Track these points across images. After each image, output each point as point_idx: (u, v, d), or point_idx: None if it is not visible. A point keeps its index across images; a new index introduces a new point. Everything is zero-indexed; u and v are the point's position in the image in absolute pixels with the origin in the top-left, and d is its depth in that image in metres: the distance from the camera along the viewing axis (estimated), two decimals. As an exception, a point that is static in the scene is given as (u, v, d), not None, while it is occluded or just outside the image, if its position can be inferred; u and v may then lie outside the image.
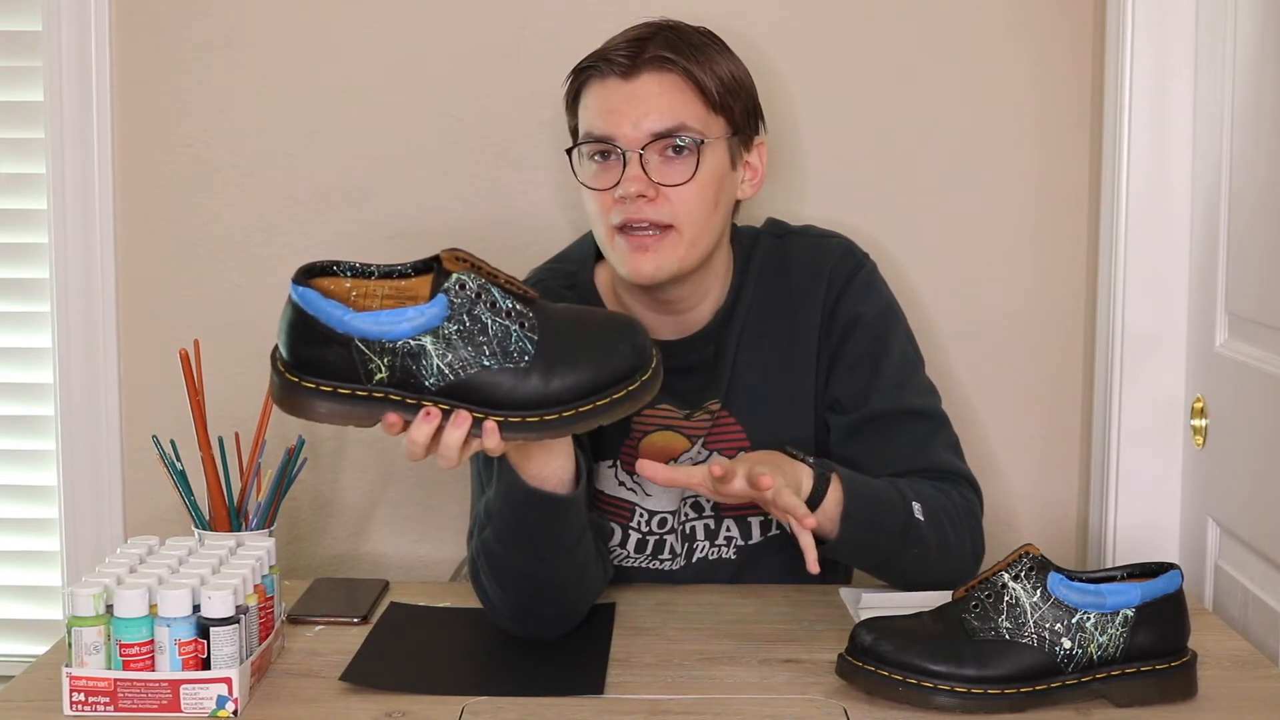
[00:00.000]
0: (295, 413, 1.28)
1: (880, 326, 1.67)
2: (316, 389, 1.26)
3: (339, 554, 2.06)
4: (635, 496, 1.66)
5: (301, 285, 1.26)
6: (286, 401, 1.28)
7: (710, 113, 1.59)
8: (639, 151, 1.55)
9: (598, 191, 1.57)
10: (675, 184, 1.55)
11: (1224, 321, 1.76)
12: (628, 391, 1.31)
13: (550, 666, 1.42)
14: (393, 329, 1.24)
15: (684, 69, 1.57)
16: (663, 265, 1.56)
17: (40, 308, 2.07)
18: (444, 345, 1.25)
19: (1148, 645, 1.31)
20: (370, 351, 1.25)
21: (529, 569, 1.43)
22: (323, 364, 1.26)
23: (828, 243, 1.71)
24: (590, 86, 1.60)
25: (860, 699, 1.32)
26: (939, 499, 1.57)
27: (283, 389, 1.28)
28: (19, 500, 2.14)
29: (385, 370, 1.25)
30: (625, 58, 1.57)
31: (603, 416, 1.31)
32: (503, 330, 1.27)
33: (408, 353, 1.25)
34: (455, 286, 1.25)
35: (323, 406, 1.27)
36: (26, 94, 2.05)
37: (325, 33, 2.00)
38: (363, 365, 1.25)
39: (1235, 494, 1.73)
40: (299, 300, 1.25)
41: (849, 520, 1.48)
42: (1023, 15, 1.97)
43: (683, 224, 1.56)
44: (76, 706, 1.29)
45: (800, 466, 1.47)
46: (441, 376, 1.26)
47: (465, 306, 1.25)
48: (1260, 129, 1.64)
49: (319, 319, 1.24)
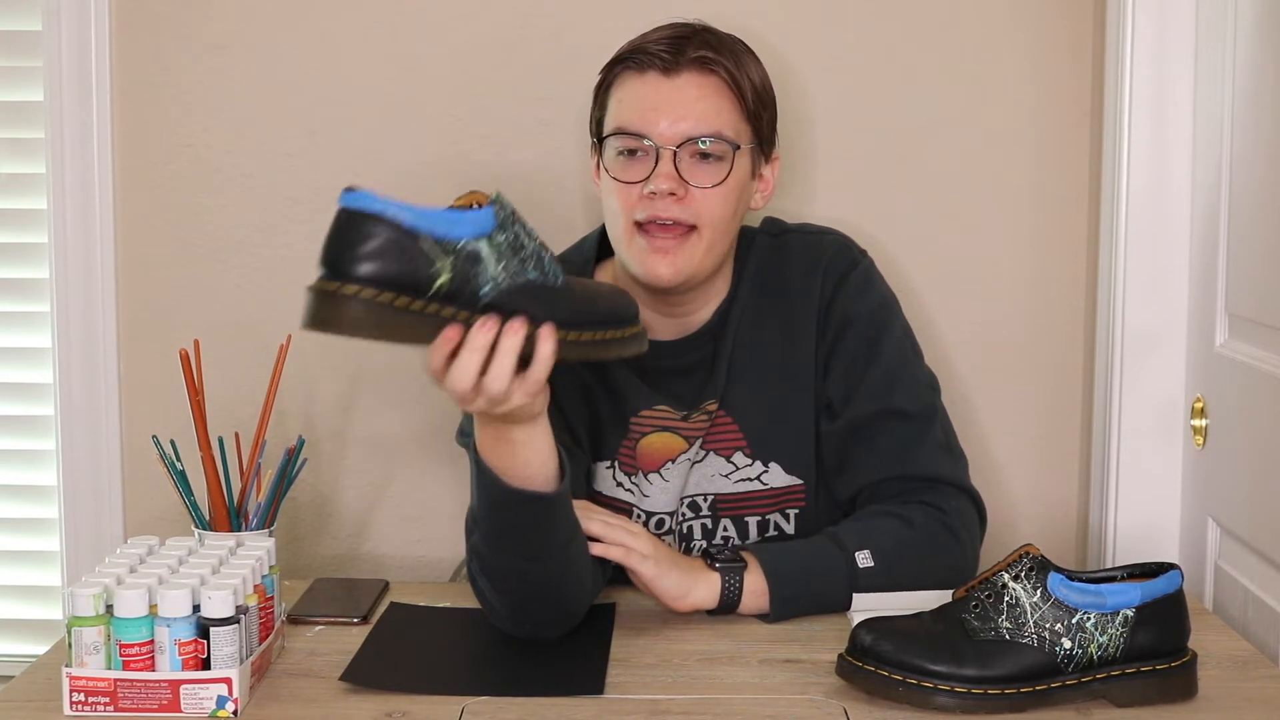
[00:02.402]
0: (340, 328, 1.19)
1: (873, 326, 1.66)
2: (365, 298, 1.18)
3: (339, 554, 2.06)
4: (633, 497, 1.66)
5: (357, 191, 1.20)
6: (328, 318, 1.18)
7: (743, 120, 1.59)
8: (673, 149, 1.55)
9: (624, 185, 1.57)
10: (705, 186, 1.55)
11: (1224, 321, 1.76)
12: (637, 331, 1.37)
13: (550, 666, 1.42)
14: (456, 228, 1.22)
15: (727, 72, 1.58)
16: (681, 269, 1.56)
17: (40, 308, 2.07)
18: (496, 253, 1.25)
19: (1148, 645, 1.31)
20: (438, 250, 1.21)
21: (520, 570, 1.43)
22: (379, 270, 1.18)
23: (823, 239, 1.71)
24: (626, 79, 1.59)
25: (860, 699, 1.32)
26: (901, 533, 1.56)
27: (324, 304, 1.18)
28: (19, 500, 2.14)
29: (449, 272, 1.21)
30: (668, 53, 1.56)
31: (624, 347, 1.36)
32: (537, 249, 1.28)
33: (468, 255, 1.23)
34: (498, 203, 1.26)
35: (375, 315, 1.18)
36: (26, 94, 2.05)
37: (325, 33, 2.00)
38: (426, 266, 1.20)
39: (1235, 494, 1.73)
40: (357, 204, 1.19)
41: (779, 601, 1.53)
42: (1023, 15, 1.97)
43: (705, 226, 1.56)
44: (76, 706, 1.29)
45: (706, 576, 1.52)
46: (496, 284, 1.25)
47: (509, 221, 1.26)
48: (1260, 129, 1.64)
49: (384, 215, 1.19)
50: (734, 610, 1.53)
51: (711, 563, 1.53)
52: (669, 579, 1.51)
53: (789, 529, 1.67)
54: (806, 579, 1.53)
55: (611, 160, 1.59)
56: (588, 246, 1.71)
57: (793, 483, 1.66)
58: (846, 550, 1.54)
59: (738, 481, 1.66)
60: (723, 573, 1.52)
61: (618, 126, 1.58)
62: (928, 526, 1.58)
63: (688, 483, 1.66)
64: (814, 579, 1.53)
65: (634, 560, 1.50)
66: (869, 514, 1.60)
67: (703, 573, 1.53)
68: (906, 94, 1.99)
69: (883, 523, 1.57)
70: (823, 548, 1.55)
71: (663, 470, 1.65)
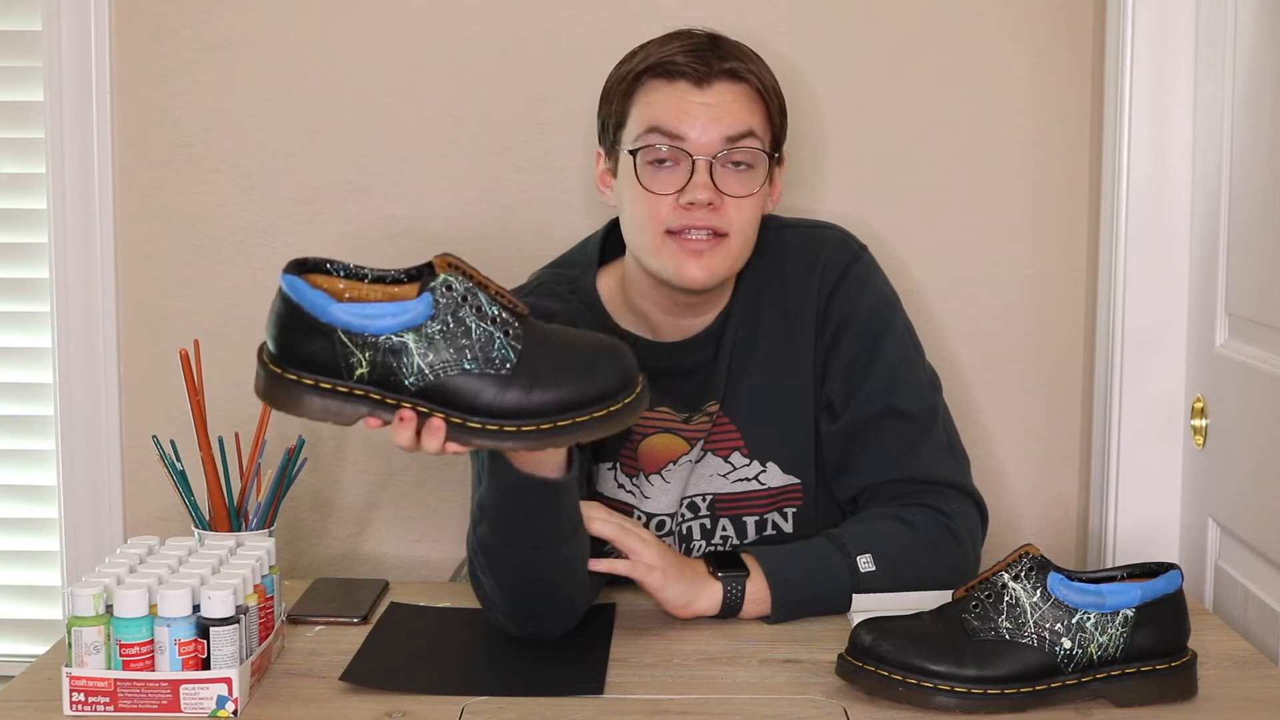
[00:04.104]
0: (278, 406, 1.28)
1: (874, 324, 1.65)
2: (299, 382, 1.26)
3: (339, 554, 2.06)
4: (634, 499, 1.66)
5: (291, 275, 1.26)
6: (270, 395, 1.28)
7: (768, 127, 1.60)
8: (709, 159, 1.55)
9: (656, 195, 1.56)
10: (738, 196, 1.56)
11: (1224, 321, 1.76)
12: (609, 411, 1.30)
13: (550, 666, 1.42)
14: (375, 323, 1.24)
15: (757, 80, 1.58)
16: (715, 272, 1.57)
17: (40, 308, 2.07)
18: (426, 344, 1.25)
19: (1148, 645, 1.31)
20: (352, 345, 1.24)
21: (525, 561, 1.43)
22: (306, 356, 1.25)
23: (822, 234, 1.70)
24: (654, 86, 1.57)
25: (860, 699, 1.32)
26: (903, 536, 1.56)
27: (266, 381, 1.27)
28: (19, 500, 2.14)
29: (366, 365, 1.25)
30: (700, 66, 1.56)
31: (582, 433, 1.29)
32: (486, 335, 1.26)
33: (389, 349, 1.24)
34: (442, 287, 1.25)
35: (304, 400, 1.26)
36: (26, 94, 2.05)
37: (325, 33, 2.00)
38: (344, 359, 1.25)
39: (1235, 494, 1.73)
40: (287, 288, 1.25)
41: (781, 607, 1.53)
42: (1023, 15, 1.97)
43: (735, 234, 1.57)
44: (76, 706, 1.29)
45: (709, 585, 1.52)
46: (421, 376, 1.25)
47: (450, 308, 1.25)
48: (1260, 129, 1.64)
49: (304, 306, 1.24)
50: (736, 615, 1.54)
51: (714, 571, 1.54)
52: (674, 589, 1.51)
53: (787, 528, 1.67)
54: (809, 585, 1.53)
55: (642, 169, 1.57)
56: (590, 249, 1.70)
57: (790, 482, 1.66)
58: (849, 554, 1.54)
59: (735, 481, 1.66)
60: (725, 581, 1.53)
61: (651, 127, 1.56)
62: (929, 530, 1.58)
63: (687, 484, 1.66)
64: (816, 584, 1.54)
65: (639, 572, 1.50)
66: (871, 516, 1.60)
67: (706, 581, 1.53)
68: (906, 94, 1.99)
69: (885, 526, 1.58)
70: (825, 552, 1.55)
71: (664, 472, 1.65)
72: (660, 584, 1.51)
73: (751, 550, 1.56)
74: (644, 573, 1.50)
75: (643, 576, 1.50)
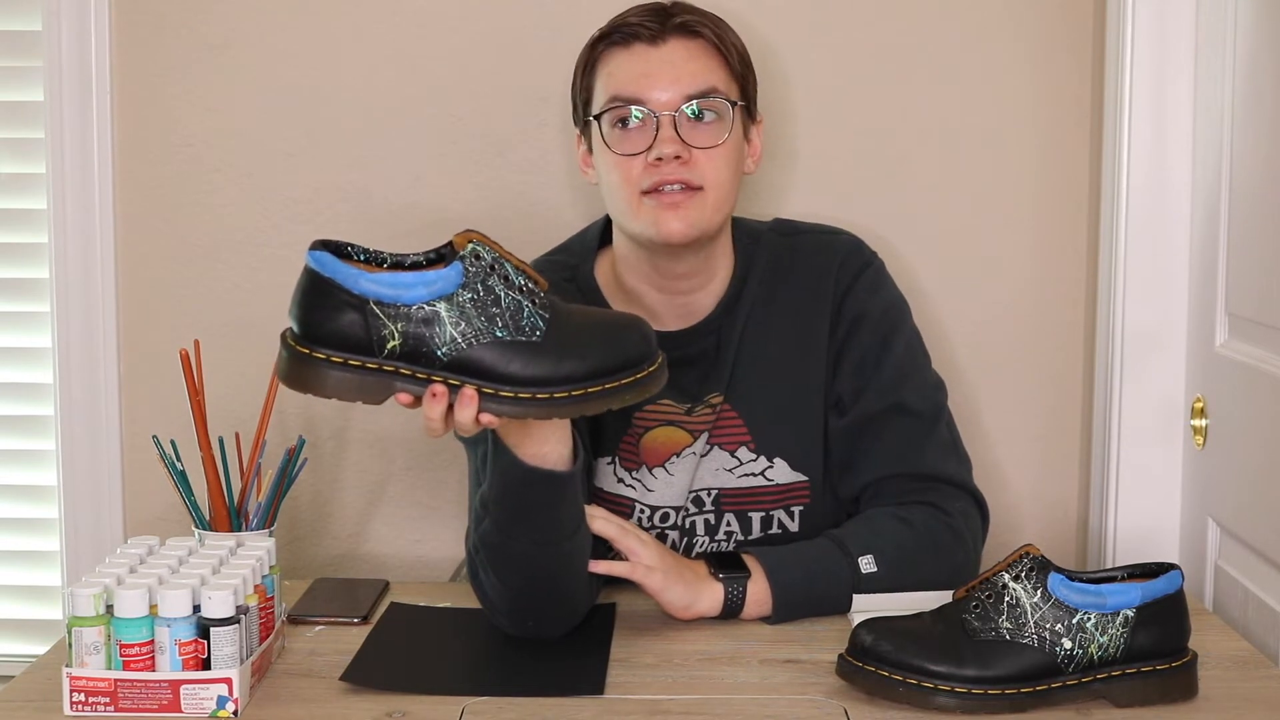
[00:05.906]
0: (303, 387, 1.26)
1: (885, 324, 1.67)
2: (327, 360, 1.24)
3: (339, 554, 2.06)
4: (635, 493, 1.66)
5: (319, 251, 1.25)
6: (294, 375, 1.26)
7: (732, 80, 1.61)
8: (672, 114, 1.56)
9: (626, 157, 1.57)
10: (706, 147, 1.57)
11: (1224, 321, 1.76)
12: (635, 379, 1.32)
13: (550, 666, 1.42)
14: (408, 293, 1.24)
15: (712, 34, 1.60)
16: (693, 223, 1.57)
17: (40, 308, 2.07)
18: (458, 313, 1.25)
19: (1148, 645, 1.31)
20: (384, 316, 1.23)
21: (528, 556, 1.43)
22: (333, 331, 1.24)
23: (836, 239, 1.71)
24: (612, 54, 1.60)
25: (860, 699, 1.32)
26: (904, 537, 1.57)
27: (291, 362, 1.25)
28: (19, 500, 2.14)
29: (398, 337, 1.24)
30: (653, 24, 1.58)
31: (612, 399, 1.31)
32: (515, 304, 1.27)
33: (422, 319, 1.24)
34: (471, 256, 1.25)
35: (332, 378, 1.25)
36: (26, 94, 2.05)
37: (325, 33, 2.00)
38: (375, 331, 1.24)
39: (1235, 494, 1.73)
40: (315, 264, 1.24)
41: (782, 608, 1.53)
42: (1023, 15, 1.97)
43: (710, 186, 1.57)
44: (76, 707, 1.29)
45: (710, 587, 1.52)
46: (454, 345, 1.25)
47: (480, 276, 1.26)
48: (1260, 129, 1.64)
49: (335, 280, 1.23)
50: (737, 617, 1.54)
51: (715, 572, 1.54)
52: (674, 591, 1.51)
53: (793, 526, 1.67)
54: (810, 586, 1.54)
55: (609, 134, 1.59)
56: (589, 237, 1.71)
57: (798, 479, 1.66)
58: (850, 555, 1.54)
59: (741, 476, 1.66)
60: (727, 583, 1.53)
61: (613, 96, 1.58)
62: (931, 529, 1.58)
63: (694, 478, 1.66)
64: (817, 586, 1.54)
65: (639, 573, 1.50)
66: (872, 516, 1.60)
67: (707, 583, 1.53)
68: (906, 94, 1.99)
69: (886, 526, 1.58)
70: (826, 553, 1.55)
71: (667, 465, 1.65)
72: (661, 585, 1.51)
73: (752, 551, 1.56)
74: (643, 574, 1.50)
75: (642, 578, 1.50)
